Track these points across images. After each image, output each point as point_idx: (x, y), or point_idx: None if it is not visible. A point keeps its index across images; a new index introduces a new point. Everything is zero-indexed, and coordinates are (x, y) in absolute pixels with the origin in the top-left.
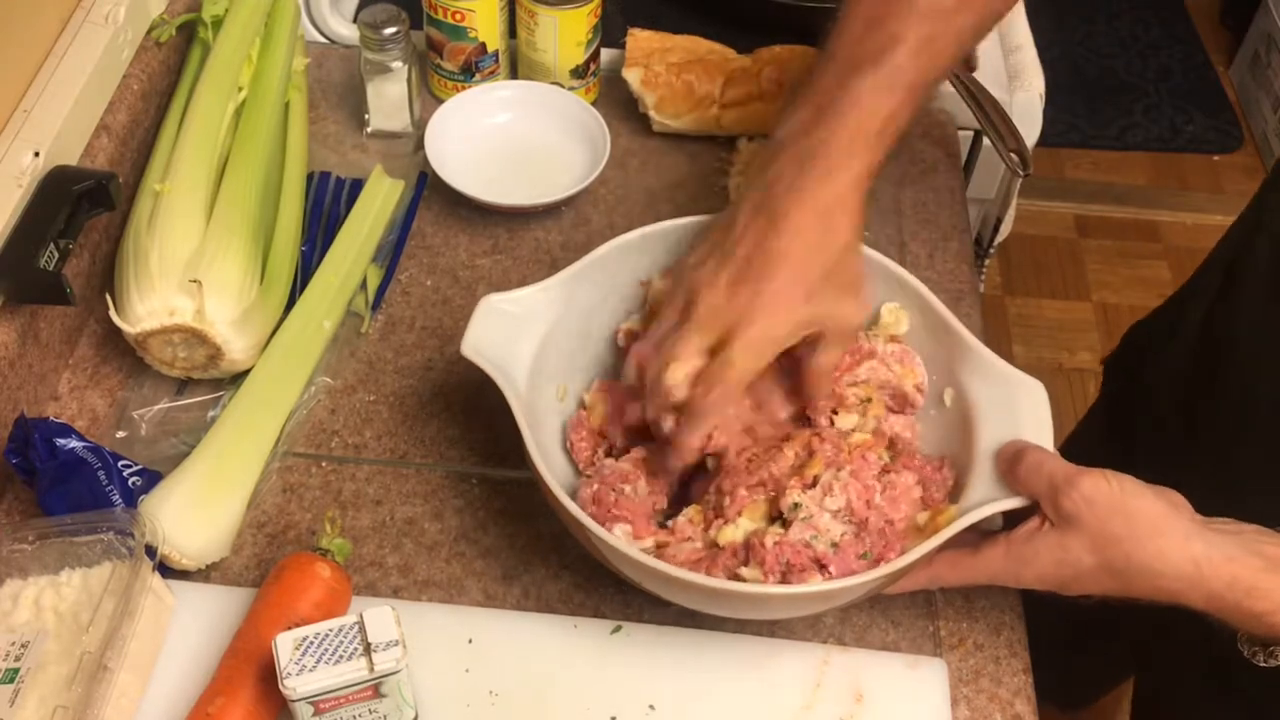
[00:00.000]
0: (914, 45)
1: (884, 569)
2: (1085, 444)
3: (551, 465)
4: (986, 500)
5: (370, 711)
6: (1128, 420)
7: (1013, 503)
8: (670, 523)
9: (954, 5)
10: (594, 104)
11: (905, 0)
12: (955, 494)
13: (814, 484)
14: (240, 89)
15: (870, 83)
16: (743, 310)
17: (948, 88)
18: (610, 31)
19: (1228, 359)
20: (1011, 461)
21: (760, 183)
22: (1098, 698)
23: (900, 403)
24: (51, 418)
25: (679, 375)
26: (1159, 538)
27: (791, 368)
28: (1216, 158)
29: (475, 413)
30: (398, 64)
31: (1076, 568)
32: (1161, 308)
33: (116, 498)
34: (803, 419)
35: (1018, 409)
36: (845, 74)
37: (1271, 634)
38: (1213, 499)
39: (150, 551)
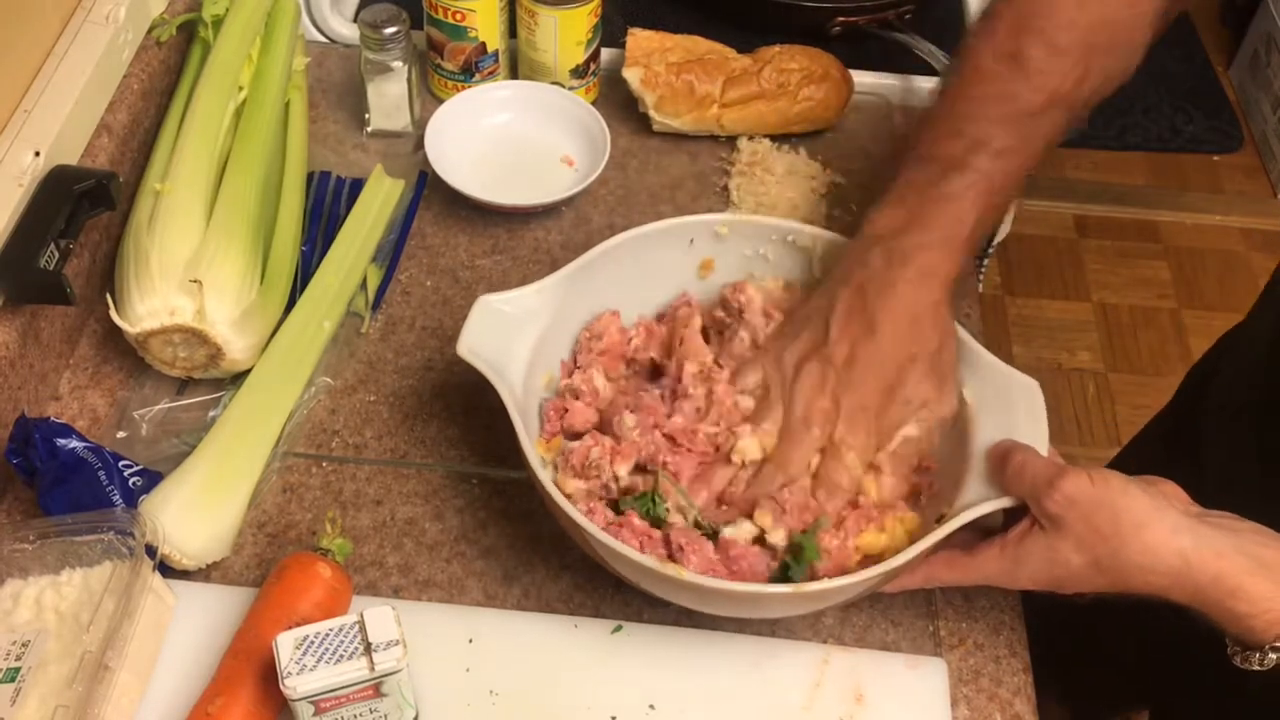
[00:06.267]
0: (998, 149)
1: (881, 567)
2: (1150, 450)
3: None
4: (981, 499)
5: (371, 711)
6: (1195, 427)
7: (1005, 502)
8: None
9: (1041, 105)
10: (594, 104)
11: (991, 100)
12: (949, 498)
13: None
14: (240, 89)
15: (959, 187)
16: (847, 421)
17: None
18: (610, 31)
19: None
20: (999, 463)
21: (854, 277)
22: None
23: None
24: (52, 418)
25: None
26: (1145, 531)
27: None
28: (1216, 158)
29: (475, 413)
30: (398, 64)
31: (1067, 567)
32: (1245, 320)
33: (117, 498)
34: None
35: (1013, 408)
36: (936, 177)
37: (1250, 637)
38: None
39: (150, 551)
